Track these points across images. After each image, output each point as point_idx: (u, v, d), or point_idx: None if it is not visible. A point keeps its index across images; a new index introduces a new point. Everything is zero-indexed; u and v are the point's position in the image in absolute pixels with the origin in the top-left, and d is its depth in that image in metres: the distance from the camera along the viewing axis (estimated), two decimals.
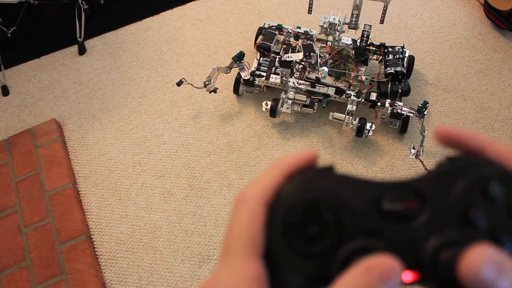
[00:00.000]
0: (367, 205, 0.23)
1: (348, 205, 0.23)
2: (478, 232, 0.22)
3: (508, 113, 1.44)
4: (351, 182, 0.24)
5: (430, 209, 0.23)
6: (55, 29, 1.75)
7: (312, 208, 0.23)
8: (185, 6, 1.77)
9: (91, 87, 1.58)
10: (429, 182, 0.23)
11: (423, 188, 0.23)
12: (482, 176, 0.23)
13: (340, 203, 0.23)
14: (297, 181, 0.24)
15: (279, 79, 1.39)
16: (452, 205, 0.22)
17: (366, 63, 1.43)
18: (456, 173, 0.23)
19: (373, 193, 0.23)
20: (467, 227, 0.22)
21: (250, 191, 0.25)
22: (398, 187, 0.24)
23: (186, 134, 1.44)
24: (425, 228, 0.22)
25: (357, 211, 0.23)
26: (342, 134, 1.41)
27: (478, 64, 1.55)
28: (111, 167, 1.39)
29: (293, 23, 1.64)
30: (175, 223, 1.27)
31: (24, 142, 1.42)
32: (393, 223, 0.23)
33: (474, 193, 0.22)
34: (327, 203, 0.23)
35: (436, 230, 0.22)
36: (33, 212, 1.28)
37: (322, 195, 0.23)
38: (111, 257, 1.23)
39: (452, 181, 0.23)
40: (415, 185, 0.23)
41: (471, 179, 0.23)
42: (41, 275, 1.18)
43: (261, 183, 0.25)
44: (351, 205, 0.23)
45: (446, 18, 1.68)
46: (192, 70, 1.59)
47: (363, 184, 0.24)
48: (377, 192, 0.23)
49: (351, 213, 0.23)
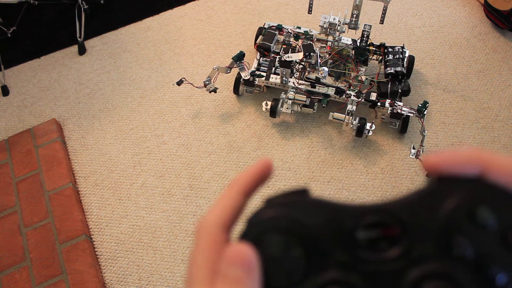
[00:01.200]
0: (341, 234, 0.21)
1: (319, 234, 0.21)
2: (464, 263, 0.19)
3: (508, 113, 1.44)
4: (324, 207, 0.22)
5: (410, 237, 0.21)
6: (55, 29, 1.75)
7: (281, 238, 0.21)
8: (185, 6, 1.78)
9: (91, 87, 1.58)
10: (412, 206, 0.21)
11: (403, 213, 0.21)
12: (470, 198, 0.20)
13: (310, 233, 0.21)
14: (267, 208, 0.23)
15: (279, 79, 1.39)
16: (436, 231, 0.20)
17: (366, 63, 1.43)
18: (443, 195, 0.21)
19: (348, 220, 0.21)
20: (453, 256, 0.20)
21: (208, 217, 0.24)
22: (376, 213, 0.21)
23: (186, 134, 1.44)
24: (404, 258, 0.20)
25: (330, 241, 0.21)
26: (342, 134, 1.41)
27: (478, 64, 1.55)
28: (111, 167, 1.39)
29: (293, 23, 1.64)
30: (175, 223, 1.27)
31: (24, 142, 1.42)
32: (369, 252, 0.21)
33: (461, 218, 0.20)
34: (296, 233, 0.21)
35: (417, 261, 0.20)
36: (33, 212, 1.28)
37: (292, 224, 0.22)
38: (111, 257, 1.23)
39: (438, 204, 0.21)
40: (394, 210, 0.21)
41: (459, 202, 0.20)
42: (41, 275, 1.18)
43: (220, 207, 0.24)
44: (322, 234, 0.21)
45: (446, 18, 1.68)
46: (192, 70, 1.59)
47: (338, 210, 0.22)
48: (353, 218, 0.21)
49: (323, 242, 0.21)
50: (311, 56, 1.32)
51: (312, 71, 1.38)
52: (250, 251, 0.21)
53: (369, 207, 0.22)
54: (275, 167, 1.36)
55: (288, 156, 1.38)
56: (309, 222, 0.22)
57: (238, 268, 0.21)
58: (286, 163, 1.37)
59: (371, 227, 0.21)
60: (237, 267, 0.21)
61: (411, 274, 0.20)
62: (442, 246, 0.20)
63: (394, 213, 0.21)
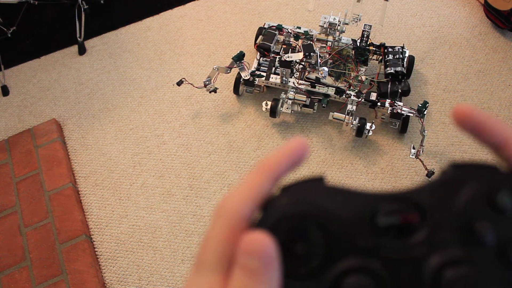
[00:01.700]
0: (360, 220, 0.21)
1: (338, 220, 0.21)
2: (486, 248, 0.20)
3: (508, 113, 1.44)
4: (342, 194, 0.22)
5: (431, 223, 0.20)
6: (55, 29, 1.75)
7: (299, 224, 0.21)
8: (185, 6, 1.77)
9: (91, 87, 1.58)
10: (430, 193, 0.21)
11: (423, 199, 0.21)
12: (490, 184, 0.20)
13: (329, 218, 0.21)
14: (283, 195, 0.22)
15: (279, 79, 1.39)
16: (456, 218, 0.20)
17: (366, 63, 1.43)
18: (461, 182, 0.21)
19: (367, 207, 0.21)
20: (473, 243, 0.20)
21: (230, 200, 0.22)
22: (395, 199, 0.21)
23: (186, 134, 1.44)
24: (425, 245, 0.20)
25: (349, 227, 0.21)
26: (342, 134, 1.41)
27: (478, 64, 1.55)
28: (111, 167, 1.39)
29: (293, 23, 1.64)
30: (175, 223, 1.27)
31: (24, 142, 1.43)
32: (390, 239, 0.21)
33: (481, 205, 0.20)
34: (315, 218, 0.21)
35: (438, 247, 0.20)
36: (33, 212, 1.28)
37: (310, 209, 0.21)
38: (111, 257, 1.23)
39: (456, 191, 0.21)
40: (413, 196, 0.21)
41: (478, 188, 0.20)
42: (41, 275, 1.18)
43: (244, 190, 0.22)
44: (342, 220, 0.21)
45: (446, 18, 1.68)
46: (192, 70, 1.59)
47: (356, 197, 0.22)
48: (372, 205, 0.21)
49: (342, 229, 0.21)
50: (311, 56, 1.32)
51: (312, 71, 1.38)
52: (269, 241, 0.20)
53: (389, 195, 0.21)
54: None
55: None
56: (327, 208, 0.21)
57: (256, 259, 0.20)
58: None
59: (391, 213, 0.21)
60: (255, 258, 0.20)
61: (432, 260, 0.20)
62: (463, 232, 0.20)
63: (414, 200, 0.21)
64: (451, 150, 1.37)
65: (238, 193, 0.22)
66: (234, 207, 0.22)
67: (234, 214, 0.22)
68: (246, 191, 0.22)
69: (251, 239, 0.20)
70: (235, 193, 0.22)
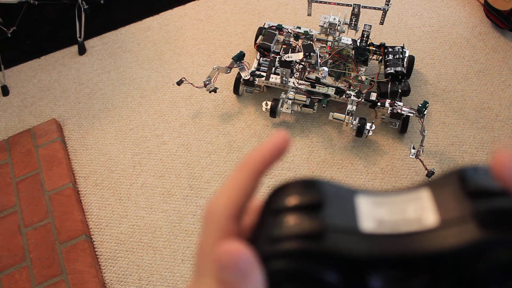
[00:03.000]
0: (360, 278, 0.19)
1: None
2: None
3: (508, 113, 1.44)
4: (338, 259, 0.19)
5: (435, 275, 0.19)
6: (55, 29, 1.75)
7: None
8: (185, 6, 1.78)
9: (91, 87, 1.58)
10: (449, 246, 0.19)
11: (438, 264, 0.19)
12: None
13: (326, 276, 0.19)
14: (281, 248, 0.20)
15: (279, 79, 1.39)
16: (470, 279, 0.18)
17: (366, 63, 1.43)
18: (483, 249, 0.18)
19: (369, 268, 0.19)
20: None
21: (216, 204, 0.22)
22: (406, 264, 0.19)
23: (186, 134, 1.44)
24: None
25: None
26: (342, 134, 1.41)
27: (478, 64, 1.55)
28: (111, 167, 1.39)
29: (293, 23, 1.64)
30: (175, 223, 1.27)
31: (24, 142, 1.42)
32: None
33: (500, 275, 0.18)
34: (309, 280, 0.19)
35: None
36: (33, 212, 1.28)
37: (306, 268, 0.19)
38: (111, 257, 1.23)
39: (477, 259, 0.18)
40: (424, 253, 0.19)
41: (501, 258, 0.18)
42: (41, 275, 1.18)
43: (228, 191, 0.22)
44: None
45: (446, 18, 1.68)
46: (192, 70, 1.59)
47: (354, 261, 0.19)
48: (375, 266, 0.19)
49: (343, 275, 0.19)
50: (311, 56, 1.32)
51: (312, 71, 1.38)
52: (244, 252, 0.19)
53: (399, 256, 0.19)
54: (275, 168, 1.36)
55: (288, 156, 1.38)
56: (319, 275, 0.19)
57: (231, 272, 0.19)
58: (286, 163, 1.37)
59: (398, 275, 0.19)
60: (230, 271, 0.19)
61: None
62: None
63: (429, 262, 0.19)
64: (451, 150, 1.37)
65: (224, 195, 0.22)
66: (221, 210, 0.21)
67: (223, 217, 0.21)
68: (231, 191, 0.22)
69: (224, 251, 0.19)
70: (221, 195, 0.22)
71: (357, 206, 0.20)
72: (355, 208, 0.20)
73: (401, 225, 0.19)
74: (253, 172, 0.22)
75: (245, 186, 0.22)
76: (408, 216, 0.19)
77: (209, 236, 0.21)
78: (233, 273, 0.19)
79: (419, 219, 0.19)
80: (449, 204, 0.19)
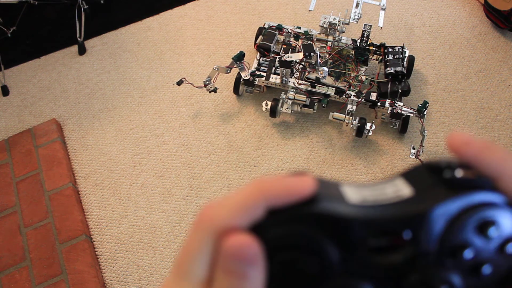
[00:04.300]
0: (350, 242, 0.21)
1: (320, 241, 0.21)
2: (464, 266, 0.21)
3: (508, 113, 1.44)
4: (330, 219, 0.21)
5: (416, 243, 0.21)
6: (55, 29, 1.75)
7: (290, 247, 0.21)
8: (185, 6, 1.78)
9: (91, 87, 1.58)
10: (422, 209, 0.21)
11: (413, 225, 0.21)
12: (482, 215, 0.21)
13: (319, 244, 0.21)
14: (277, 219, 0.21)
15: (279, 79, 1.39)
16: (443, 241, 0.21)
17: (366, 63, 1.43)
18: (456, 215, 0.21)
19: (357, 230, 0.21)
20: (454, 263, 0.21)
21: (218, 213, 0.20)
22: (390, 223, 0.21)
23: (186, 134, 1.44)
24: (407, 264, 0.21)
25: (342, 246, 0.21)
26: (342, 134, 1.41)
27: (478, 64, 1.55)
28: (111, 167, 1.39)
29: (293, 23, 1.64)
30: (175, 223, 1.27)
31: (24, 142, 1.42)
32: (372, 256, 0.21)
33: (470, 231, 0.21)
34: (305, 246, 0.21)
35: (419, 266, 0.21)
36: (33, 212, 1.28)
37: (303, 236, 0.21)
38: (111, 257, 1.23)
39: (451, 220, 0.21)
40: (407, 220, 0.21)
41: (470, 215, 0.21)
42: (41, 275, 1.18)
43: (233, 205, 0.20)
44: (326, 241, 0.21)
45: (446, 18, 1.68)
46: (192, 70, 1.59)
47: (345, 221, 0.21)
48: (361, 228, 0.21)
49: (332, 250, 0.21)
50: (311, 56, 1.32)
51: (312, 71, 1.38)
52: (253, 243, 0.19)
53: (382, 217, 0.21)
54: (276, 168, 1.36)
55: (288, 156, 1.38)
56: (319, 236, 0.21)
57: (239, 262, 0.19)
58: (286, 163, 1.37)
59: (382, 235, 0.21)
60: (238, 261, 0.19)
61: (411, 279, 0.21)
62: (446, 253, 0.21)
63: (407, 223, 0.21)
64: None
65: (227, 206, 0.20)
66: (221, 220, 0.20)
67: (219, 226, 0.20)
68: (236, 205, 0.20)
69: (234, 241, 0.19)
70: (224, 204, 0.21)
71: (342, 190, 0.23)
72: (341, 192, 0.22)
73: (382, 199, 0.22)
74: (264, 198, 0.20)
75: (252, 207, 0.20)
76: (387, 193, 0.22)
77: (196, 243, 0.20)
78: (241, 263, 0.19)
79: (397, 194, 0.22)
80: (420, 181, 0.22)
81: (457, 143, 0.23)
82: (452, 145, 0.23)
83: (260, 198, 0.20)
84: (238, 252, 0.19)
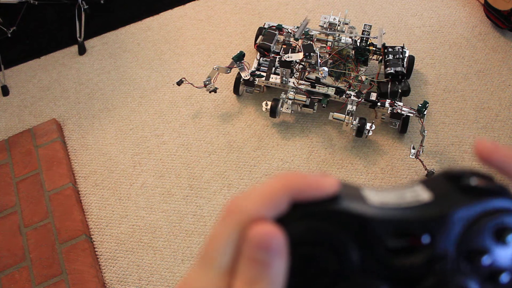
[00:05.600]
0: (369, 242, 0.21)
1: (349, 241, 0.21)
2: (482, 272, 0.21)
3: (508, 113, 1.44)
4: (351, 218, 0.22)
5: (435, 246, 0.21)
6: (55, 29, 1.75)
7: (311, 246, 0.21)
8: (185, 6, 1.77)
9: (91, 87, 1.58)
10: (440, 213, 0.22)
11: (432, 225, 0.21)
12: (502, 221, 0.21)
13: (339, 242, 0.21)
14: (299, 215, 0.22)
15: (279, 79, 1.39)
16: (460, 245, 0.21)
17: (366, 63, 1.43)
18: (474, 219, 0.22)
19: (377, 229, 0.21)
20: (472, 268, 0.21)
21: (243, 204, 0.21)
22: (405, 224, 0.22)
23: (186, 134, 1.44)
24: (425, 267, 0.21)
25: (360, 246, 0.21)
26: (342, 134, 1.41)
27: (478, 64, 1.55)
28: (111, 167, 1.39)
29: (293, 23, 1.64)
30: (175, 223, 1.27)
31: (24, 142, 1.42)
32: (392, 257, 0.21)
33: (487, 236, 0.21)
34: (326, 242, 0.21)
35: (437, 269, 0.21)
36: (33, 212, 1.28)
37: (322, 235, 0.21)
38: (111, 257, 1.23)
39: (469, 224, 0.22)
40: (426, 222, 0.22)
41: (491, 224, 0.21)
42: (41, 275, 1.18)
43: (259, 198, 0.21)
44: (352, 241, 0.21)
45: (446, 18, 1.68)
46: (192, 70, 1.59)
47: (365, 220, 0.22)
48: (381, 227, 0.21)
49: (352, 249, 0.21)
50: (311, 56, 1.32)
51: (312, 71, 1.38)
52: (278, 233, 0.20)
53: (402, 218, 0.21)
54: (276, 168, 1.36)
55: (288, 156, 1.38)
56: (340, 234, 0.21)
57: (264, 252, 0.20)
58: (286, 163, 1.37)
59: (401, 236, 0.21)
60: (263, 250, 0.20)
61: (426, 282, 0.21)
62: (464, 258, 0.21)
63: (425, 225, 0.21)
64: (451, 150, 1.37)
65: (253, 198, 0.21)
66: (248, 211, 0.21)
67: (246, 217, 0.21)
68: (263, 197, 0.21)
69: (259, 231, 0.20)
70: (250, 196, 0.21)
71: (363, 193, 0.23)
72: (362, 194, 0.23)
73: (402, 203, 0.22)
74: (289, 192, 0.21)
75: (277, 200, 0.21)
76: (406, 197, 0.23)
77: (229, 227, 0.21)
78: (266, 252, 0.20)
79: (416, 199, 0.22)
80: (439, 187, 0.23)
81: (486, 150, 0.23)
82: (480, 153, 0.24)
83: (286, 191, 0.21)
84: (263, 241, 0.20)
